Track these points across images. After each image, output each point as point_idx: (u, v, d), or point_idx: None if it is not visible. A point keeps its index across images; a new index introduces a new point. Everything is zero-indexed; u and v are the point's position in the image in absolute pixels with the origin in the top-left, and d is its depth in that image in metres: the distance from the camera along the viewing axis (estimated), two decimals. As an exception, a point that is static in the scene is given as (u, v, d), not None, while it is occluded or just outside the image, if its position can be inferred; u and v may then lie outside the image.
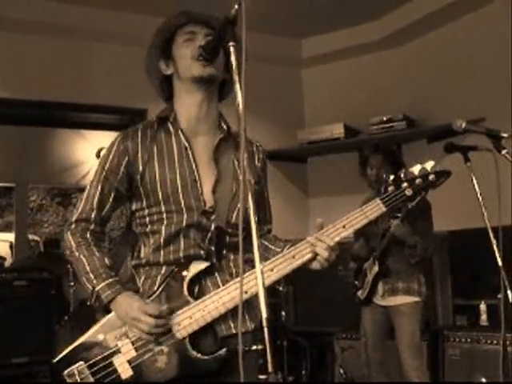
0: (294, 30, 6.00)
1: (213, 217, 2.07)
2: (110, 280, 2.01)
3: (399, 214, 4.03)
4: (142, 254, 2.12)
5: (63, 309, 5.23)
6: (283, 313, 5.14)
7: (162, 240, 2.07)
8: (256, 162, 2.26)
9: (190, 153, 2.10)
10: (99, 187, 2.12)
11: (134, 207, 2.14)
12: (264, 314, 1.46)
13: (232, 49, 1.73)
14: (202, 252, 2.05)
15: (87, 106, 5.55)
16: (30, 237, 10.99)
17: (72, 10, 5.24)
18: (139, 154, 2.09)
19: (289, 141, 6.04)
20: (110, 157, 2.12)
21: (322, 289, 5.30)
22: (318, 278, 5.22)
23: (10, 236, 10.13)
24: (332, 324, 5.20)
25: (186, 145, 2.10)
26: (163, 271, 2.07)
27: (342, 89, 6.22)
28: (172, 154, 2.10)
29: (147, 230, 2.10)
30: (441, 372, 4.69)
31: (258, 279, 1.49)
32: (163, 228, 2.06)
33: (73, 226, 2.12)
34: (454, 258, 5.10)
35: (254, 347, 1.97)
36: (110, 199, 2.13)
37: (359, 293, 4.40)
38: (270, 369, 1.45)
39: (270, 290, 1.54)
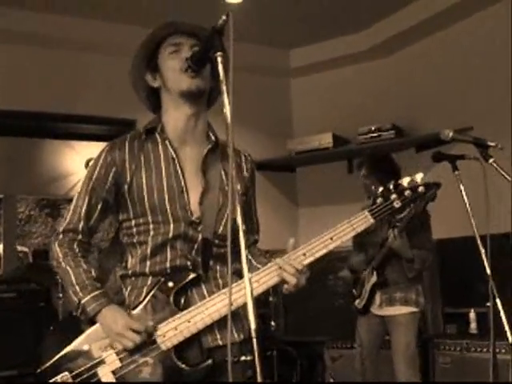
0: (282, 40, 6.02)
1: (200, 228, 2.06)
2: (96, 293, 2.00)
3: (398, 224, 4.03)
4: (129, 265, 2.11)
5: (52, 320, 5.20)
6: (273, 323, 5.12)
7: (148, 251, 2.06)
8: (244, 172, 2.25)
9: (177, 163, 2.09)
10: (86, 198, 2.10)
11: (121, 217, 2.13)
12: (252, 325, 1.46)
13: (219, 59, 1.73)
14: (188, 263, 2.05)
15: (76, 116, 5.54)
16: (19, 248, 10.91)
17: (61, 20, 5.24)
18: (126, 164, 2.08)
19: (277, 150, 6.05)
20: (98, 167, 2.10)
21: (312, 298, 5.29)
22: (308, 288, 5.21)
23: (-1, 247, 10.06)
24: (322, 333, 5.19)
25: (173, 155, 2.10)
26: (149, 282, 2.06)
27: (330, 98, 6.23)
28: (159, 164, 2.09)
29: (134, 240, 2.10)
30: (432, 380, 4.69)
31: (247, 289, 1.49)
32: (149, 239, 2.06)
33: (60, 236, 2.11)
34: (444, 267, 5.11)
35: (243, 358, 1.95)
36: (98, 210, 2.11)
37: (356, 302, 4.40)
38: (259, 379, 1.45)
39: (260, 300, 1.54)
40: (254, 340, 1.45)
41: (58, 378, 1.98)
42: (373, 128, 5.56)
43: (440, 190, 2.07)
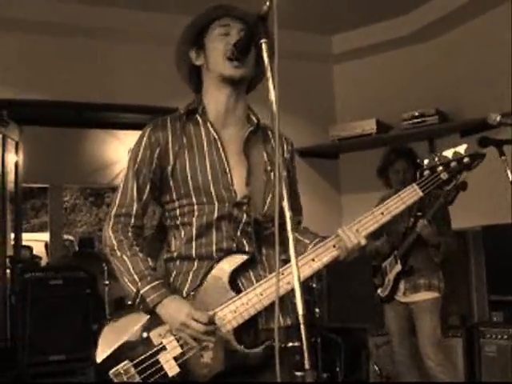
0: (324, 26, 5.98)
1: (244, 208, 2.06)
2: (155, 283, 1.99)
3: (427, 211, 4.02)
4: (173, 247, 2.12)
5: (98, 307, 5.30)
6: (317, 310, 5.12)
7: (193, 232, 2.06)
8: (285, 154, 2.25)
9: (219, 144, 2.10)
10: (134, 180, 2.09)
11: (163, 200, 2.13)
12: (300, 311, 1.46)
13: (264, 45, 1.73)
14: (234, 245, 2.05)
15: (119, 106, 5.60)
16: (65, 236, 11.12)
17: (102, 11, 5.30)
18: (169, 145, 2.09)
19: (320, 137, 6.02)
20: (142, 148, 2.10)
21: (356, 285, 5.27)
22: (351, 274, 5.21)
23: (45, 236, 10.27)
24: (366, 320, 5.17)
25: (215, 136, 2.10)
26: (195, 267, 2.06)
27: (373, 84, 6.17)
28: (201, 146, 2.10)
29: (178, 222, 2.10)
30: (477, 369, 4.64)
31: (294, 276, 1.49)
32: (194, 220, 2.05)
33: (112, 221, 2.09)
34: (489, 254, 5.03)
35: (290, 344, 1.96)
36: (147, 191, 2.10)
37: (379, 291, 4.41)
38: (306, 366, 1.45)
39: (304, 287, 1.53)
40: (302, 326, 1.45)
41: (120, 368, 1.98)
42: (416, 113, 5.49)
43: (486, 175, 2.04)
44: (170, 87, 2.19)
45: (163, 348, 1.98)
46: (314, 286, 5.11)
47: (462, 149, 1.99)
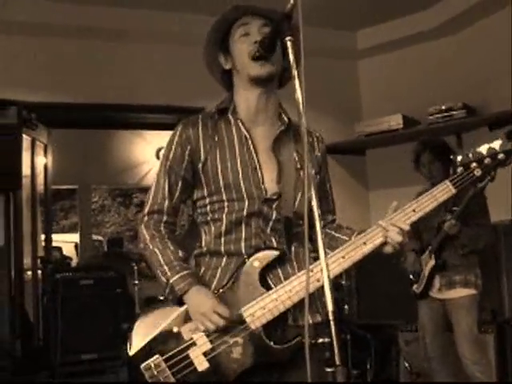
0: (348, 22, 5.96)
1: (274, 205, 2.08)
2: (184, 272, 2.02)
3: (455, 209, 3.98)
4: (203, 243, 2.14)
5: (128, 306, 5.35)
6: (346, 306, 5.11)
7: (223, 228, 2.08)
8: (316, 151, 2.27)
9: (249, 142, 2.12)
10: (166, 177, 2.14)
11: (195, 196, 2.16)
12: (330, 307, 1.47)
13: (289, 43, 1.75)
14: (262, 242, 2.06)
15: (145, 106, 5.63)
16: (94, 237, 11.25)
17: (125, 12, 5.35)
18: (201, 143, 2.12)
19: (347, 133, 6.00)
20: (173, 146, 2.14)
21: (385, 281, 5.25)
22: (379, 271, 5.18)
23: (75, 237, 10.39)
24: (396, 317, 5.15)
25: (246, 134, 2.12)
26: (223, 263, 2.08)
27: (398, 79, 6.14)
28: (232, 144, 2.12)
29: (208, 218, 2.12)
30: (510, 366, 4.59)
31: (324, 273, 1.49)
32: (224, 216, 2.08)
33: (145, 218, 2.14)
34: (521, 248, 4.97)
35: (321, 340, 1.96)
36: (179, 188, 2.14)
37: (414, 287, 4.37)
38: (337, 362, 1.46)
39: (333, 284, 1.54)
40: (332, 322, 1.45)
41: (151, 361, 2.01)
42: (443, 107, 5.44)
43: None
44: (194, 87, 2.20)
45: (193, 343, 2.00)
46: (343, 283, 5.10)
47: (496, 144, 1.98)
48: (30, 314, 5.46)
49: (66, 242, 10.64)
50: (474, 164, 1.99)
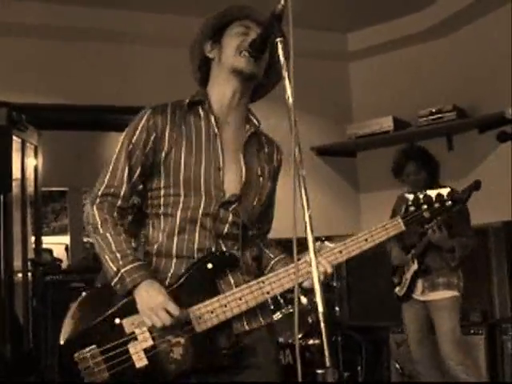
0: (339, 24, 5.97)
1: (231, 208, 2.06)
2: (138, 263, 1.94)
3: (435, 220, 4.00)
4: (153, 239, 2.07)
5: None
6: (337, 308, 5.11)
7: (176, 225, 2.03)
8: (274, 162, 2.26)
9: (218, 140, 2.08)
10: (127, 161, 2.04)
11: (149, 186, 2.09)
12: (320, 309, 1.47)
13: (279, 44, 1.74)
14: (215, 245, 2.04)
15: (136, 108, 5.59)
16: (85, 239, 11.18)
17: (118, 14, 5.34)
18: (167, 132, 2.06)
19: (337, 135, 6.01)
20: (138, 130, 2.06)
21: (376, 282, 5.26)
22: (370, 273, 5.19)
23: (66, 239, 10.34)
24: (386, 318, 5.16)
25: (217, 132, 2.09)
26: (173, 266, 2.03)
27: (389, 81, 6.15)
28: (200, 138, 2.08)
29: (160, 211, 2.06)
30: (500, 367, 4.60)
31: (314, 274, 1.49)
32: (178, 212, 2.03)
33: (98, 200, 2.03)
34: (510, 249, 4.99)
35: (311, 342, 1.97)
36: (137, 174, 2.05)
37: (397, 289, 4.39)
38: (327, 363, 1.46)
39: (324, 286, 1.54)
40: (322, 324, 1.45)
41: (86, 352, 1.92)
42: (434, 110, 5.46)
43: (506, 170, 2.05)
44: (188, 91, 2.19)
45: (134, 338, 1.93)
46: (334, 284, 5.10)
47: (445, 192, 2.08)
48: (20, 316, 5.43)
49: (57, 244, 10.56)
50: (425, 206, 2.09)
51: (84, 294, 2.03)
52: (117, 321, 1.94)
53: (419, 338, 4.33)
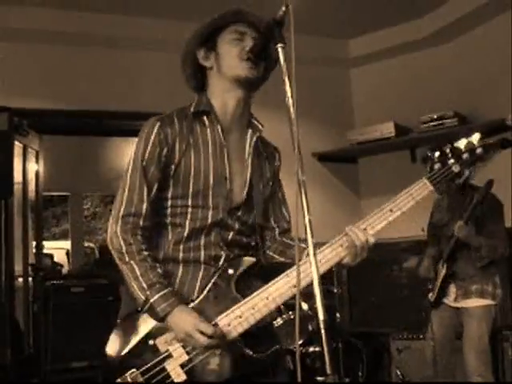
0: (340, 30, 5.97)
1: (237, 215, 2.07)
2: (165, 291, 1.94)
3: (464, 214, 3.96)
4: (160, 246, 2.07)
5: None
6: (338, 314, 5.10)
7: (185, 234, 2.03)
8: (276, 161, 2.28)
9: (225, 150, 2.08)
10: (143, 178, 2.01)
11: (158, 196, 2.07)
12: (321, 316, 1.46)
13: (280, 50, 1.75)
14: (222, 252, 2.04)
15: (137, 113, 5.60)
16: (86, 244, 11.18)
17: (119, 19, 5.35)
18: (177, 144, 2.04)
19: (339, 141, 6.01)
20: (150, 145, 2.03)
21: (377, 289, 5.25)
22: (371, 279, 5.18)
23: (67, 244, 10.34)
24: (387, 325, 5.15)
25: (223, 141, 2.09)
26: (180, 272, 2.04)
27: (390, 87, 6.15)
28: (207, 149, 2.07)
29: (167, 221, 2.06)
30: (501, 374, 4.58)
31: (314, 282, 1.49)
32: (187, 222, 2.03)
33: (120, 221, 2.00)
34: (509, 257, 4.96)
35: (311, 349, 1.96)
36: (154, 189, 2.03)
37: (429, 295, 4.30)
38: (328, 371, 1.45)
39: (324, 291, 1.53)
40: (323, 331, 1.45)
41: (127, 375, 1.95)
42: (435, 116, 5.46)
43: (506, 176, 2.01)
44: (188, 96, 2.19)
45: (169, 355, 1.95)
46: (335, 290, 5.09)
47: (474, 139, 1.93)
48: (21, 321, 5.43)
49: (58, 249, 10.56)
50: (452, 160, 1.95)
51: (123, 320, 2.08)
52: (150, 342, 1.96)
53: (444, 344, 4.22)
